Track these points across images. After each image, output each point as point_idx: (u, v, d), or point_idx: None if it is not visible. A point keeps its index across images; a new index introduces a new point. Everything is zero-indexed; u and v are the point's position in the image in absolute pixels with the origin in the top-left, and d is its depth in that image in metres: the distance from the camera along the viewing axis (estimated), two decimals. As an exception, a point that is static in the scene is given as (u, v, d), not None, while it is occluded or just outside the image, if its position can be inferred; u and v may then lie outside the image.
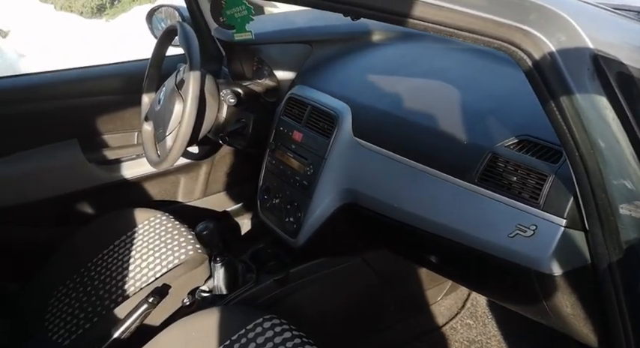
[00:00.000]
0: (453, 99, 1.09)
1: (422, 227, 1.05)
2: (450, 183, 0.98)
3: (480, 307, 1.75)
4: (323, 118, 1.27)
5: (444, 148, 1.01)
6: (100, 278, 1.57)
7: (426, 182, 1.03)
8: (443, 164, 1.00)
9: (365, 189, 1.18)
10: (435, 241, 1.04)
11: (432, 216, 1.02)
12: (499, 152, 0.92)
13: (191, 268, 1.51)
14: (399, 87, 1.20)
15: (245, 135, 1.50)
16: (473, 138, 0.97)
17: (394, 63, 1.32)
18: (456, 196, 0.97)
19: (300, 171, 1.31)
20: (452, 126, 1.02)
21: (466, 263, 1.04)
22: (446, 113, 1.06)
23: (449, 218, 1.00)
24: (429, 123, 1.06)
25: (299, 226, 1.30)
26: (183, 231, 1.65)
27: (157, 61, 1.63)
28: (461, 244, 0.98)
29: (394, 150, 1.10)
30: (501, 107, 1.02)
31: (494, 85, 1.09)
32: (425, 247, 1.13)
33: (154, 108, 1.56)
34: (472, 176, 0.94)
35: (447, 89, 1.13)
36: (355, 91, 1.27)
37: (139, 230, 1.70)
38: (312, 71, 1.44)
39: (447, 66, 1.22)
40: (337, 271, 1.41)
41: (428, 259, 1.13)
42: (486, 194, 0.92)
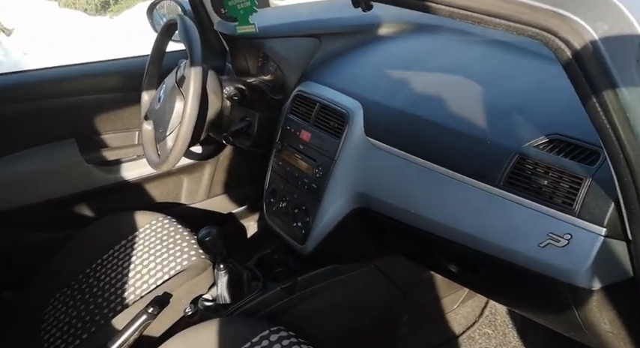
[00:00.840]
0: (474, 95, 1.00)
1: (441, 235, 0.97)
2: (472, 187, 0.90)
3: (499, 316, 1.67)
4: (333, 117, 1.19)
5: (465, 149, 0.93)
6: (98, 285, 1.50)
7: (445, 186, 0.95)
8: (464, 167, 0.92)
9: (378, 193, 1.09)
10: (456, 249, 0.96)
11: (452, 223, 0.94)
12: (527, 153, 0.84)
13: (194, 276, 1.43)
14: (414, 83, 1.12)
15: (250, 134, 1.42)
16: (497, 138, 0.89)
17: (409, 57, 1.23)
18: (479, 201, 0.89)
19: (308, 173, 1.23)
20: (474, 125, 0.94)
21: (490, 273, 0.96)
22: (467, 111, 0.98)
23: (471, 225, 0.91)
24: (449, 122, 0.98)
25: (307, 232, 1.22)
26: (185, 235, 1.58)
27: (157, 57, 1.56)
28: (484, 253, 0.90)
29: (410, 151, 1.02)
30: (528, 104, 0.93)
31: (520, 79, 1.01)
32: (444, 256, 1.04)
33: (153, 106, 1.48)
34: (497, 180, 0.86)
35: (467, 85, 1.04)
36: (367, 87, 1.19)
37: (140, 234, 1.63)
38: (320, 67, 1.36)
39: (466, 60, 1.14)
40: (348, 279, 1.33)
41: (447, 268, 1.05)
42: (513, 199, 0.84)
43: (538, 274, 0.82)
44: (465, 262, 0.99)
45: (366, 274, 1.34)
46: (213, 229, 1.22)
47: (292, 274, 1.37)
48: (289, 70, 1.39)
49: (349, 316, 1.39)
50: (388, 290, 1.40)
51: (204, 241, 1.21)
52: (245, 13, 1.15)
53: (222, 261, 1.26)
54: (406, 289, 1.42)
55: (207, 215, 2.02)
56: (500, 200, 0.86)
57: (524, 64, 1.06)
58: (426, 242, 1.03)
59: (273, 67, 1.56)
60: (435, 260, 1.07)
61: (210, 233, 1.22)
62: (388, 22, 1.40)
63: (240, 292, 1.31)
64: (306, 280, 1.31)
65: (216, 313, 1.29)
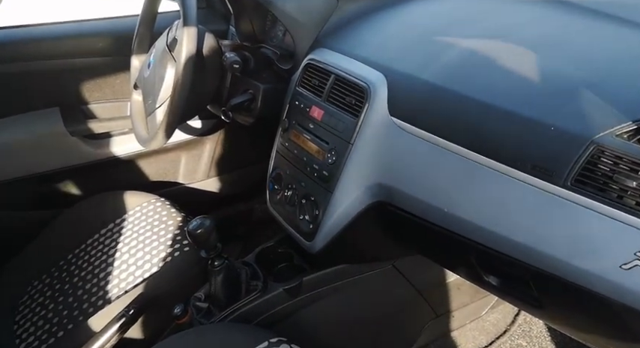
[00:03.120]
0: (530, 67, 0.79)
1: (484, 243, 0.78)
2: (528, 185, 0.70)
3: (535, 326, 1.47)
4: (350, 91, 0.99)
5: (519, 136, 0.73)
6: (79, 275, 1.34)
7: (492, 183, 0.75)
8: (518, 159, 0.72)
9: (403, 186, 0.90)
10: (500, 260, 0.77)
11: (500, 229, 0.75)
12: (606, 143, 0.64)
13: (186, 269, 1.26)
14: (451, 51, 0.91)
15: (252, 109, 1.22)
16: (564, 122, 0.69)
17: (444, 20, 1.02)
18: (538, 204, 0.69)
19: (319, 158, 1.03)
20: (531, 105, 0.74)
21: (545, 294, 0.77)
22: (522, 87, 0.77)
23: (525, 234, 0.72)
24: (497, 100, 0.77)
25: (316, 227, 1.03)
26: (179, 221, 1.40)
27: (148, 16, 1.36)
28: (541, 270, 0.71)
29: (445, 136, 0.82)
30: (605, 78, 0.72)
31: (590, 48, 0.79)
32: (483, 265, 0.85)
33: (143, 74, 1.29)
34: (563, 177, 0.66)
35: (521, 53, 0.83)
36: (392, 56, 0.99)
37: (129, 218, 1.45)
38: (336, 31, 1.15)
39: (518, 23, 0.92)
40: (362, 281, 1.15)
41: (484, 279, 0.86)
42: (586, 204, 0.64)
43: (616, 302, 0.63)
44: (514, 279, 0.80)
45: (383, 276, 1.16)
46: (206, 219, 1.04)
47: (297, 273, 1.19)
48: (300, 35, 1.18)
49: (363, 323, 1.21)
50: (408, 294, 1.21)
51: (194, 233, 1.03)
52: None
53: (216, 257, 1.08)
54: (428, 293, 1.24)
55: (206, 197, 1.84)
56: (567, 204, 0.66)
57: (596, 28, 0.84)
58: (460, 248, 0.84)
59: (282, 32, 1.36)
60: (470, 269, 0.88)
61: (202, 224, 1.03)
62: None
63: (237, 292, 1.13)
64: (312, 281, 1.13)
65: (208, 316, 1.12)
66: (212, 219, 1.04)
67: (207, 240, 1.04)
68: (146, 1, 1.34)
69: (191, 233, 1.03)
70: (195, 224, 1.03)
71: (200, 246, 1.06)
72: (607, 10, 0.87)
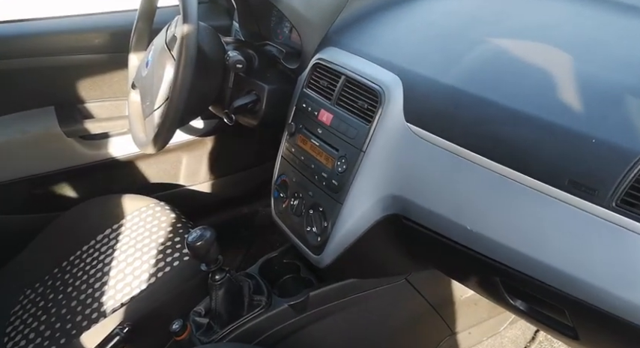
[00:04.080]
0: (566, 71, 0.71)
1: (512, 266, 0.70)
2: (566, 204, 0.63)
3: (557, 343, 1.39)
4: (362, 94, 0.91)
5: (555, 149, 0.65)
6: (74, 284, 1.27)
7: (523, 200, 0.67)
8: (554, 174, 0.64)
9: (421, 199, 0.82)
10: (533, 286, 0.69)
11: (531, 252, 0.67)
12: None
13: (185, 280, 1.19)
14: (475, 53, 0.83)
15: (256, 111, 1.15)
16: (608, 134, 0.61)
17: (464, 18, 0.94)
18: (577, 225, 0.62)
19: (327, 165, 0.96)
20: (568, 113, 0.66)
21: (582, 326, 0.69)
22: (556, 93, 0.69)
23: (562, 260, 0.64)
24: (529, 108, 0.70)
25: (325, 240, 0.96)
26: (179, 227, 1.33)
27: (147, 12, 1.28)
28: (580, 300, 0.64)
29: (469, 146, 0.74)
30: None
31: (633, 50, 0.72)
32: (510, 289, 0.78)
33: (141, 73, 1.22)
34: (607, 197, 0.59)
35: (554, 56, 0.75)
36: (408, 57, 0.91)
37: (126, 223, 1.39)
38: (347, 29, 1.07)
39: (551, 22, 0.84)
40: (372, 295, 1.07)
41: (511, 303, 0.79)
42: (633, 227, 0.57)
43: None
44: (543, 302, 0.73)
45: (395, 290, 1.09)
46: (206, 230, 0.96)
47: (303, 286, 1.12)
48: (308, 33, 1.10)
49: (373, 342, 1.13)
50: (422, 310, 1.14)
51: (194, 245, 0.96)
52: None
53: (217, 270, 1.01)
54: (443, 309, 1.16)
55: (207, 200, 1.77)
56: (611, 227, 0.59)
57: (636, 28, 0.76)
58: (484, 268, 0.77)
59: (289, 29, 1.29)
60: (494, 290, 0.80)
61: (202, 236, 0.96)
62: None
63: (239, 307, 1.06)
64: (320, 296, 1.06)
65: (208, 333, 1.04)
66: (212, 230, 0.97)
67: (207, 253, 0.97)
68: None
69: (190, 246, 0.96)
70: (194, 236, 0.96)
71: (200, 259, 0.99)
72: None
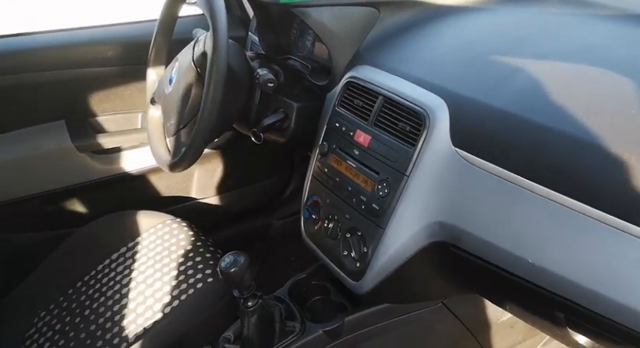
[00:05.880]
0: (625, 96, 0.69)
1: (580, 303, 0.68)
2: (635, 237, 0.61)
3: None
4: (404, 116, 0.88)
5: (625, 181, 0.63)
6: (91, 306, 1.22)
7: (591, 233, 0.65)
8: (625, 207, 0.62)
9: (473, 228, 0.79)
10: (603, 325, 0.67)
11: (603, 289, 0.65)
12: None
13: (211, 304, 1.15)
14: (524, 74, 0.80)
15: (285, 130, 1.11)
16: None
17: (509, 37, 0.91)
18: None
19: (366, 188, 0.93)
20: (634, 141, 0.64)
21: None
22: (617, 120, 0.67)
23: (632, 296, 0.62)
24: (589, 135, 0.67)
25: (364, 266, 0.93)
26: (199, 245, 1.29)
27: (166, 25, 1.24)
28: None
29: (526, 174, 0.72)
30: None
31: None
32: (574, 325, 0.75)
33: (163, 89, 1.17)
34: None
35: (610, 79, 0.73)
36: (451, 77, 0.88)
37: (143, 242, 1.34)
38: (380, 46, 1.04)
39: (600, 43, 0.82)
40: (408, 320, 1.05)
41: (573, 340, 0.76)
42: None
43: None
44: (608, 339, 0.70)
45: (431, 315, 1.06)
46: (239, 256, 0.93)
47: (333, 308, 1.09)
48: (339, 49, 1.07)
49: (410, 369, 1.11)
50: (458, 334, 1.11)
51: (228, 272, 0.92)
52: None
53: (250, 297, 0.97)
54: (480, 332, 1.14)
55: (220, 213, 1.73)
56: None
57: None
58: (545, 303, 0.74)
59: (311, 42, 1.25)
60: (554, 325, 0.78)
61: (236, 262, 0.92)
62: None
63: (271, 333, 1.03)
64: (355, 321, 1.03)
65: (241, 362, 1.01)
66: (246, 255, 0.94)
67: (241, 279, 0.94)
68: (164, 8, 1.22)
69: (224, 272, 0.93)
70: (227, 261, 0.93)
71: (233, 285, 0.96)
72: None
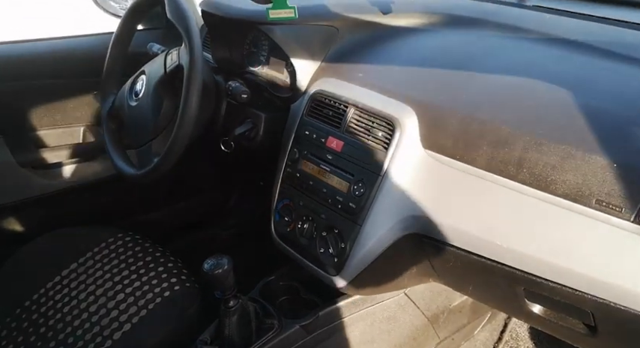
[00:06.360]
0: (567, 102, 0.83)
1: (543, 275, 0.81)
2: (594, 220, 0.74)
3: (522, 341, 1.54)
4: (376, 123, 0.98)
5: (578, 172, 0.76)
6: (47, 324, 1.19)
7: (553, 217, 0.78)
8: (579, 194, 0.75)
9: (445, 218, 0.90)
10: (561, 293, 0.80)
11: (564, 262, 0.77)
12: None
13: (182, 310, 1.17)
14: (476, 84, 0.94)
15: (253, 139, 1.18)
16: (627, 159, 0.73)
17: (456, 55, 1.05)
18: (607, 237, 0.73)
19: (342, 189, 1.01)
20: (581, 138, 0.77)
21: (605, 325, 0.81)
22: (563, 120, 0.81)
23: (593, 267, 0.75)
24: (541, 133, 0.81)
25: (343, 261, 1.01)
26: (158, 256, 1.30)
27: (123, 39, 1.26)
28: (608, 301, 0.75)
29: (492, 169, 0.84)
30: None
31: (623, 88, 0.85)
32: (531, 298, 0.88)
33: (125, 102, 1.19)
34: (633, 213, 0.70)
35: (554, 89, 0.87)
36: (415, 87, 1.00)
37: (96, 256, 1.32)
38: (341, 60, 1.14)
39: (537, 61, 0.97)
40: (375, 310, 1.14)
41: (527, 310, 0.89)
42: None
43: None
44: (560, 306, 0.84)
45: (395, 304, 1.16)
46: (222, 259, 0.98)
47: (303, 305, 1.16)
48: (301, 64, 1.15)
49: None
50: (417, 321, 1.22)
51: (214, 274, 0.97)
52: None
53: (232, 297, 1.02)
54: (435, 318, 1.26)
55: (167, 226, 1.73)
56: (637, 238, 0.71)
57: (612, 68, 0.91)
58: (511, 280, 0.87)
59: (265, 58, 1.32)
60: (512, 299, 0.91)
61: (220, 265, 0.97)
62: (415, 13, 1.20)
63: (249, 332, 1.08)
64: (329, 315, 1.10)
65: (223, 362, 1.05)
66: (228, 257, 0.99)
67: (225, 280, 0.99)
68: (123, 21, 1.24)
69: (209, 274, 0.97)
70: (211, 264, 0.97)
71: (218, 287, 1.00)
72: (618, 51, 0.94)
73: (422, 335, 1.26)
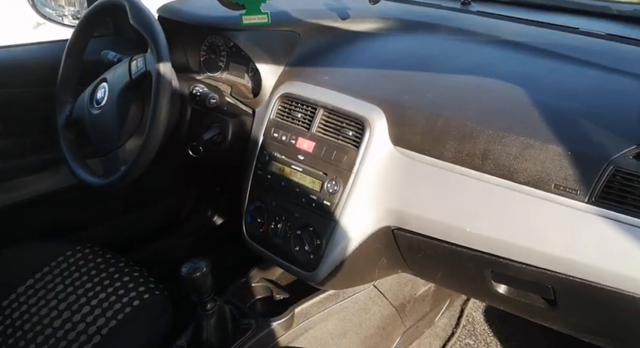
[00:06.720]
0: (520, 97, 0.91)
1: (509, 257, 0.88)
2: (553, 203, 0.82)
3: (477, 324, 1.64)
4: (345, 124, 1.03)
5: (537, 160, 0.84)
6: (6, 343, 1.15)
7: (515, 202, 0.85)
8: (539, 180, 0.83)
9: (417, 210, 0.97)
10: (525, 272, 0.88)
11: (527, 243, 0.85)
12: (621, 164, 0.78)
13: (155, 318, 1.17)
14: (440, 83, 1.01)
15: (221, 143, 1.19)
16: (579, 146, 0.82)
17: (416, 57, 1.12)
18: (566, 218, 0.81)
19: (315, 188, 1.05)
20: (537, 130, 0.85)
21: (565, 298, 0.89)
22: (521, 114, 0.89)
23: (555, 246, 0.83)
24: (502, 127, 0.88)
25: (319, 257, 1.04)
26: (121, 266, 1.29)
27: (78, 47, 1.24)
28: (570, 276, 0.83)
29: (458, 161, 0.91)
30: (593, 108, 0.87)
31: (564, 83, 0.95)
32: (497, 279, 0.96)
33: (86, 111, 1.17)
34: (587, 195, 0.79)
35: (507, 87, 0.95)
36: (380, 87, 1.05)
37: (54, 270, 1.29)
38: (305, 64, 1.18)
39: (488, 61, 1.05)
40: (347, 304, 1.19)
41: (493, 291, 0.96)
42: (613, 217, 0.78)
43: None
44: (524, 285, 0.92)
45: (365, 297, 1.21)
46: (200, 262, 0.99)
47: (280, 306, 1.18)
48: (267, 67, 1.18)
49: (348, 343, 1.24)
50: (386, 311, 1.28)
51: (191, 277, 0.97)
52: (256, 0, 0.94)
53: (209, 300, 1.03)
54: (401, 308, 1.32)
55: (125, 235, 1.69)
56: (594, 218, 0.79)
57: (555, 67, 1.00)
58: (479, 264, 0.94)
59: (224, 63, 1.34)
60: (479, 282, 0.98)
61: (197, 268, 0.98)
62: (371, 18, 1.27)
63: (226, 334, 1.09)
64: (303, 311, 1.14)
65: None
66: (206, 261, 1.00)
67: (203, 284, 1.00)
68: (78, 29, 1.22)
69: (186, 278, 0.98)
70: (189, 268, 0.98)
71: (195, 291, 1.01)
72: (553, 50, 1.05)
73: (390, 325, 1.31)
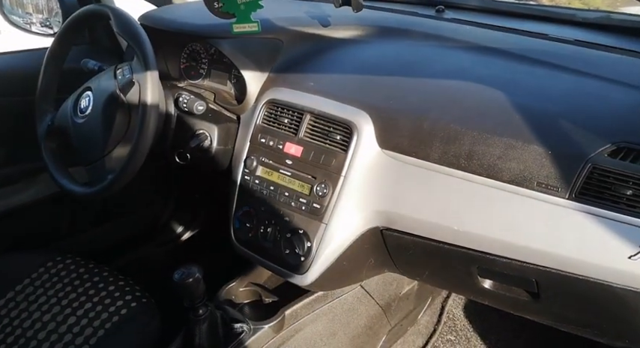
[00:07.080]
0: (501, 100, 0.96)
1: (494, 252, 0.92)
2: (536, 200, 0.87)
3: (458, 321, 1.68)
4: (332, 129, 1.06)
5: (519, 159, 0.88)
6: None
7: (500, 200, 0.89)
8: (522, 178, 0.87)
9: (405, 210, 1.00)
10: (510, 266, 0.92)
11: (512, 239, 0.89)
12: (599, 162, 0.83)
13: (144, 326, 1.17)
14: (424, 87, 1.04)
15: (207, 150, 1.20)
16: (558, 145, 0.87)
17: (398, 62, 1.15)
18: (548, 213, 0.85)
19: (304, 192, 1.07)
20: (519, 131, 0.90)
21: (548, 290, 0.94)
22: (503, 116, 0.93)
23: (538, 241, 0.87)
24: (485, 128, 0.92)
25: (310, 259, 1.07)
26: (105, 275, 1.28)
27: (58, 55, 1.23)
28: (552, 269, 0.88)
29: (446, 162, 0.94)
30: (569, 110, 0.92)
31: (540, 86, 1.00)
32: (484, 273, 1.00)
33: (69, 120, 1.16)
34: (567, 191, 0.84)
35: (488, 90, 0.99)
36: (366, 92, 1.08)
37: (35, 282, 1.28)
38: (289, 70, 1.20)
39: (467, 66, 1.10)
40: (335, 304, 1.21)
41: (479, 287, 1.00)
42: (591, 211, 0.82)
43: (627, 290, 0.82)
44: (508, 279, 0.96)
45: (352, 297, 1.24)
46: (192, 268, 1.00)
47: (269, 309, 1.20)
48: (252, 75, 1.20)
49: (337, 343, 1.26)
50: (372, 310, 1.31)
51: (184, 283, 0.98)
52: (247, 8, 0.96)
53: (201, 306, 1.04)
54: (387, 307, 1.35)
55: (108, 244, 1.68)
56: (575, 213, 0.83)
57: (529, 71, 1.05)
58: (465, 261, 0.98)
59: (205, 71, 1.35)
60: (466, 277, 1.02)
61: (190, 274, 0.99)
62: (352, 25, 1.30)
63: (217, 338, 1.10)
64: (294, 313, 1.15)
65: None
66: (198, 266, 1.01)
67: (196, 289, 1.01)
68: (58, 37, 1.21)
69: (179, 284, 0.99)
70: (182, 273, 0.99)
71: (188, 296, 1.01)
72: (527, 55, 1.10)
73: (377, 324, 1.34)
